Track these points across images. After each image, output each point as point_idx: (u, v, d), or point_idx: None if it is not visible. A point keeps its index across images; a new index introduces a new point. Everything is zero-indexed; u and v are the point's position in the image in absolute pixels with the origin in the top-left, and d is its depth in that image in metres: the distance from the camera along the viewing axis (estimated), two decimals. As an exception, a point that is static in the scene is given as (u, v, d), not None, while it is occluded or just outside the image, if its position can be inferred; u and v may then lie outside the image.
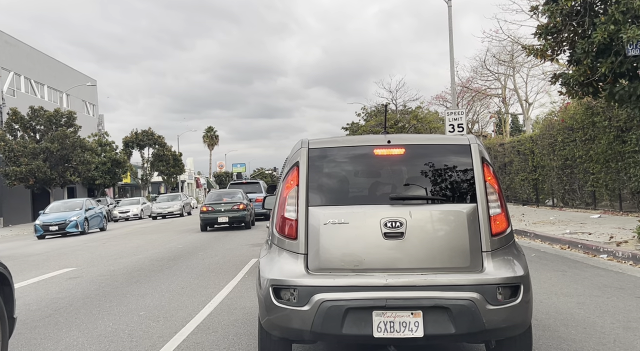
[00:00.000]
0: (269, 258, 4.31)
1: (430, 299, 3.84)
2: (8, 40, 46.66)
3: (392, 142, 4.41)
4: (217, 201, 22.94)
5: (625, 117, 15.85)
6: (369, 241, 4.06)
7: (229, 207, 22.30)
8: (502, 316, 3.87)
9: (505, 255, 4.13)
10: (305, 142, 4.51)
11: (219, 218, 22.19)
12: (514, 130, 53.68)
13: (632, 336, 5.33)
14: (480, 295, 3.84)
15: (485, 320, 3.81)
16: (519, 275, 4.01)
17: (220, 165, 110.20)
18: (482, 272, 3.99)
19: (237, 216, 22.20)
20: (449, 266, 4.03)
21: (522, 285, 3.99)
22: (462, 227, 4.10)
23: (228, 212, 22.21)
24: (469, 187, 4.26)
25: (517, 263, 4.11)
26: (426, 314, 3.84)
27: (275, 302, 4.00)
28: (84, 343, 5.90)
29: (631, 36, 9.48)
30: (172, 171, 59.18)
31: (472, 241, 4.07)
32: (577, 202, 20.51)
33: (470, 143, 4.40)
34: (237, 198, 23.18)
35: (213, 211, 22.30)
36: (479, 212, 4.15)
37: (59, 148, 37.74)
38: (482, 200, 4.18)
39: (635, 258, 9.41)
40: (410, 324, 3.84)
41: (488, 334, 3.92)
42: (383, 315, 3.86)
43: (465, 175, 4.30)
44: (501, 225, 4.19)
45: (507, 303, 3.90)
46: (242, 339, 5.74)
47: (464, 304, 3.81)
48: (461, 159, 4.34)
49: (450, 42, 23.49)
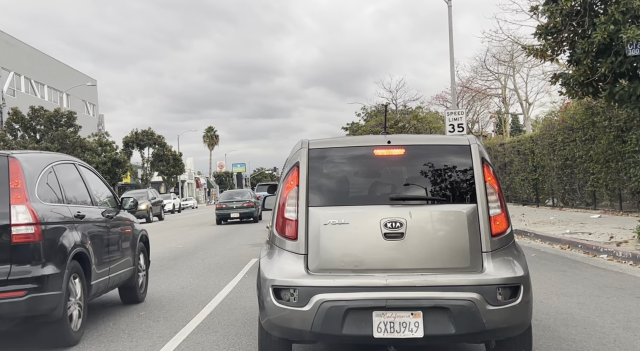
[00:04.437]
0: (269, 258, 4.30)
1: (430, 299, 3.84)
2: (8, 40, 46.69)
3: (392, 143, 4.40)
4: (229, 200, 27.24)
5: (625, 117, 15.85)
6: (369, 241, 4.06)
7: (239, 205, 26.41)
8: (502, 317, 3.87)
9: (505, 256, 4.13)
10: (305, 143, 4.51)
11: (232, 214, 26.28)
12: (514, 130, 53.70)
13: (632, 336, 5.34)
14: (480, 296, 3.84)
15: (485, 321, 3.81)
16: (519, 276, 4.01)
17: (221, 165, 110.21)
18: (482, 273, 3.99)
19: (246, 212, 26.37)
20: (449, 267, 4.03)
21: (522, 285, 3.99)
22: (462, 227, 4.09)
23: (239, 209, 26.29)
24: (469, 187, 4.25)
25: (517, 264, 4.11)
26: (426, 314, 3.83)
27: (276, 302, 3.99)
28: (85, 342, 5.90)
29: (631, 36, 9.48)
30: (172, 171, 59.15)
31: (472, 241, 4.06)
32: (577, 202, 20.52)
33: (470, 144, 4.39)
34: (247, 197, 27.26)
35: (226, 208, 26.47)
36: (479, 213, 4.14)
37: (59, 149, 37.68)
38: (482, 200, 4.18)
39: (635, 258, 9.41)
40: (410, 324, 3.84)
41: (488, 334, 3.92)
42: (383, 316, 3.86)
43: (465, 176, 4.29)
44: (501, 226, 4.19)
45: (507, 304, 3.90)
46: (242, 339, 5.74)
47: (464, 304, 3.81)
48: (461, 159, 4.33)
49: (450, 42, 23.49)
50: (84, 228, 6.24)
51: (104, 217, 7.01)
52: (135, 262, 7.84)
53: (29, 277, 5.15)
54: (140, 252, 8.17)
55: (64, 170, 6.53)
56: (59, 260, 5.48)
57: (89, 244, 6.20)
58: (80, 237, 6.03)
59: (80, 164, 7.15)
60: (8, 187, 5.27)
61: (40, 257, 5.28)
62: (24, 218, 5.22)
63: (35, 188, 5.56)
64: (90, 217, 6.56)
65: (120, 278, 7.24)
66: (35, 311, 5.19)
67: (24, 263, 5.18)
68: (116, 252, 7.13)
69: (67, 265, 5.57)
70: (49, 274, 5.29)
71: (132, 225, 8.06)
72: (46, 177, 5.92)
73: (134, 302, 7.85)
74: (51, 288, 5.28)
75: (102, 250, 6.67)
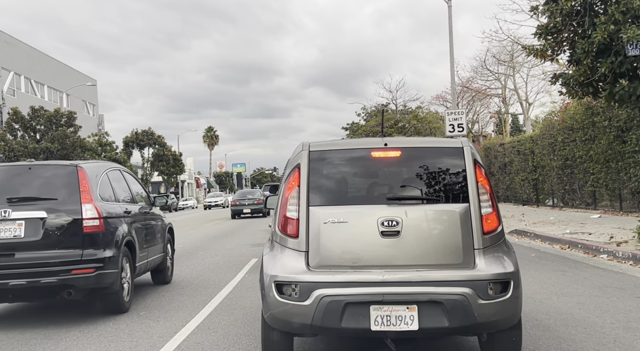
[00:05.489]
0: (271, 255, 4.48)
1: (424, 294, 4.03)
2: (8, 40, 46.68)
3: (388, 145, 4.61)
4: (242, 198, 33.13)
5: (625, 117, 15.85)
6: (367, 239, 4.24)
7: (250, 202, 31.88)
8: (493, 310, 4.06)
9: (496, 252, 4.32)
10: (306, 145, 4.70)
11: (244, 210, 31.98)
12: (514, 130, 53.69)
13: (632, 337, 5.34)
14: (472, 290, 4.02)
15: (477, 314, 4.00)
16: (509, 271, 4.20)
17: (221, 165, 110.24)
18: (474, 268, 4.18)
19: (256, 208, 31.45)
20: (442, 263, 4.22)
21: (512, 280, 4.18)
22: (455, 225, 4.29)
23: (250, 206, 31.78)
24: (461, 188, 4.44)
25: (507, 260, 4.30)
26: (421, 308, 4.02)
27: (278, 297, 4.18)
28: (84, 342, 5.91)
29: (631, 36, 9.47)
30: (172, 171, 59.14)
31: (464, 239, 4.25)
32: (577, 202, 20.51)
33: (463, 146, 4.59)
34: (257, 196, 32.79)
35: (240, 205, 32.20)
36: (471, 211, 4.33)
37: (59, 148, 37.68)
38: (474, 200, 4.37)
39: (636, 258, 9.41)
40: (405, 318, 4.02)
41: (480, 327, 4.11)
42: (380, 309, 4.04)
43: (458, 177, 4.48)
44: (492, 224, 4.38)
45: (498, 298, 4.08)
46: (242, 339, 5.74)
47: (457, 299, 4.00)
48: (454, 161, 4.53)
49: (450, 42, 23.48)
50: (130, 221, 7.73)
51: (142, 212, 8.46)
52: (165, 249, 9.46)
53: (96, 258, 6.69)
54: (168, 242, 9.74)
55: (113, 175, 8.04)
56: (115, 245, 7.01)
57: (134, 234, 7.72)
58: (128, 228, 7.54)
59: (123, 170, 8.70)
60: (78, 190, 6.83)
61: (103, 243, 6.82)
62: (91, 214, 6.75)
63: (97, 190, 7.11)
64: (134, 213, 8.02)
65: (154, 262, 8.82)
66: (100, 284, 6.75)
67: (92, 247, 6.71)
68: (151, 240, 8.66)
69: (121, 250, 7.11)
70: (109, 256, 6.84)
71: (162, 219, 9.57)
72: (103, 181, 7.47)
73: (163, 283, 9.44)
74: (111, 267, 6.84)
75: (142, 239, 8.17)
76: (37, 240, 6.55)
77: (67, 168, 7.09)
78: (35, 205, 6.69)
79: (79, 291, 6.68)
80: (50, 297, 6.92)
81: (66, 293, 6.64)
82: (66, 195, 6.83)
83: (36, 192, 6.86)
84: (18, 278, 6.43)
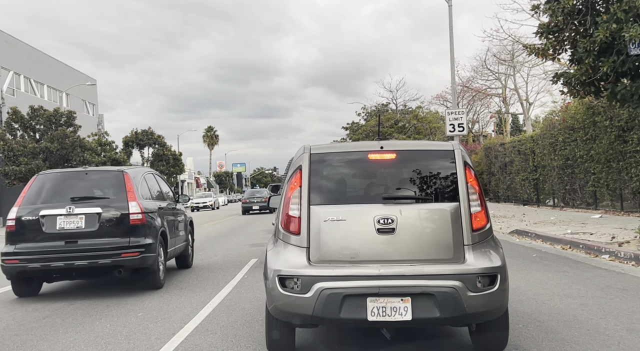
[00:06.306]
0: (275, 251, 4.78)
1: (417, 287, 4.32)
2: (8, 39, 46.62)
3: (384, 148, 4.91)
4: (251, 196, 38.01)
5: (626, 116, 15.79)
6: (364, 236, 4.54)
7: (258, 200, 36.51)
8: (481, 302, 4.34)
9: (484, 248, 4.61)
10: (307, 148, 5.02)
11: (253, 207, 36.67)
12: (515, 130, 53.66)
13: (636, 338, 5.26)
14: (462, 283, 4.32)
15: (466, 305, 4.28)
16: (496, 266, 4.49)
17: (221, 164, 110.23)
18: (463, 263, 4.48)
19: (264, 205, 35.09)
20: (434, 258, 4.51)
21: (499, 274, 4.46)
22: (447, 223, 4.58)
23: (258, 203, 36.39)
24: (452, 188, 4.74)
25: (495, 255, 4.59)
26: (414, 300, 4.31)
27: (281, 290, 4.48)
28: (81, 344, 5.84)
29: (633, 35, 9.42)
30: (172, 171, 59.06)
31: (455, 235, 4.55)
32: (578, 202, 20.45)
33: (454, 149, 4.90)
34: (264, 194, 36.63)
35: (249, 202, 37.09)
36: (462, 210, 4.62)
37: (59, 148, 37.63)
38: (464, 199, 4.66)
39: (638, 258, 9.34)
40: (400, 309, 4.31)
41: (469, 318, 4.39)
42: (376, 301, 4.33)
43: (449, 178, 4.79)
44: (481, 222, 4.67)
45: (486, 291, 4.37)
46: (241, 341, 5.67)
47: (448, 291, 4.29)
48: (446, 163, 4.84)
49: (450, 41, 23.41)
50: (162, 215, 9.42)
51: (170, 208, 10.16)
52: (187, 239, 11.28)
53: (139, 244, 8.36)
54: (189, 233, 11.58)
55: (149, 178, 9.84)
56: (154, 234, 8.69)
57: (165, 226, 9.41)
58: (161, 221, 9.23)
59: (155, 173, 10.55)
60: (125, 190, 8.53)
61: (144, 233, 8.50)
62: (136, 209, 8.41)
63: (139, 190, 8.78)
64: (165, 208, 9.74)
65: (180, 249, 10.63)
66: (143, 265, 8.42)
67: (136, 236, 8.38)
68: (178, 231, 10.45)
69: (157, 238, 8.76)
70: (150, 243, 8.51)
71: (184, 214, 11.38)
72: (142, 183, 9.18)
73: (186, 267, 11.19)
74: (151, 251, 8.51)
75: (171, 230, 9.87)
76: (95, 230, 8.21)
77: (114, 173, 8.86)
78: (92, 203, 8.37)
79: (127, 270, 8.34)
80: (105, 275, 8.58)
81: (117, 272, 8.30)
82: (115, 195, 8.53)
83: (92, 193, 8.64)
84: (81, 260, 8.12)
